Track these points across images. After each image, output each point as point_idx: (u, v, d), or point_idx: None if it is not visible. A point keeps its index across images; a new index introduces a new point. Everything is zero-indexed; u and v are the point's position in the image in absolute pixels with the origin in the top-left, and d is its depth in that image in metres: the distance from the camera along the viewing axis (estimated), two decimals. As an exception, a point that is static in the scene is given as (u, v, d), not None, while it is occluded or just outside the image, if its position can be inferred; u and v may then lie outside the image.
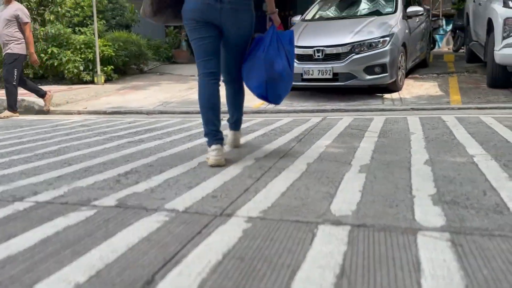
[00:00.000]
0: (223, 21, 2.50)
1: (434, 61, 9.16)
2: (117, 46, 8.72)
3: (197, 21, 2.49)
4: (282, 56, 2.63)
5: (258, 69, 2.62)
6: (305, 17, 6.96)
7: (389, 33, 5.62)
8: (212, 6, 2.44)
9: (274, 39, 2.63)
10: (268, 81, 2.62)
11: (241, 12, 2.53)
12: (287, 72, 2.66)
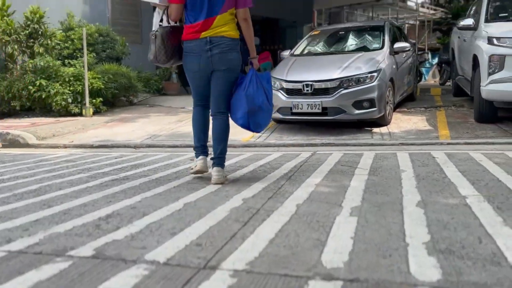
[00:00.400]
0: (214, 65, 3.04)
1: (421, 94, 9.29)
2: (107, 78, 8.70)
3: (197, 73, 3.11)
4: (261, 92, 3.14)
5: (241, 104, 3.11)
6: (294, 52, 7.04)
7: (377, 68, 5.68)
8: (205, 58, 3.01)
9: (253, 79, 3.13)
10: (250, 113, 3.11)
11: (228, 54, 3.03)
12: (266, 105, 3.17)
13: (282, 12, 15.93)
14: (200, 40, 2.99)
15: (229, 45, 3.01)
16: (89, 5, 10.31)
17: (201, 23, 2.98)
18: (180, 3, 3.01)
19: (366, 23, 7.52)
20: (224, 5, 2.97)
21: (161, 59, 3.12)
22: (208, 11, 2.97)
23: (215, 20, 2.98)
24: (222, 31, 2.99)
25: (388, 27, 6.90)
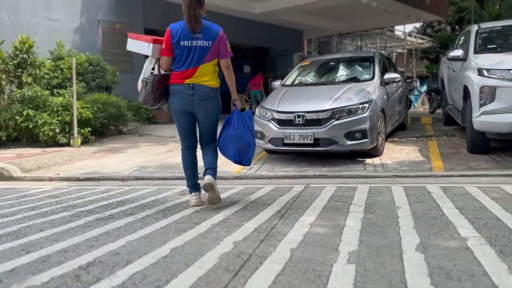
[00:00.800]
0: (195, 109, 3.47)
1: (411, 123, 9.31)
2: (96, 108, 8.60)
3: (179, 111, 3.49)
4: (247, 130, 3.61)
5: (231, 143, 3.59)
6: (285, 82, 7.03)
7: (368, 99, 5.66)
8: (187, 100, 3.43)
9: (239, 119, 3.57)
10: (241, 150, 3.62)
11: (207, 102, 3.45)
12: (252, 142, 3.68)
13: (272, 41, 16.13)
14: (184, 85, 3.42)
15: (208, 94, 3.44)
16: (80, 35, 10.31)
17: (187, 71, 3.41)
18: (170, 56, 3.45)
19: (356, 54, 7.57)
20: (206, 57, 3.41)
21: (149, 103, 3.52)
22: (193, 62, 3.39)
23: (198, 69, 3.41)
24: (203, 80, 3.43)
25: (378, 58, 6.94)
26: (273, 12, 13.63)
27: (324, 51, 21.53)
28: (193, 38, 3.37)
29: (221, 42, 3.44)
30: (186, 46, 3.37)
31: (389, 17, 13.96)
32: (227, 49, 3.49)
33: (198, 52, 3.37)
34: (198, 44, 3.38)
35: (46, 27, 9.78)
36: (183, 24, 3.41)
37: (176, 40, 3.38)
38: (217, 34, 3.43)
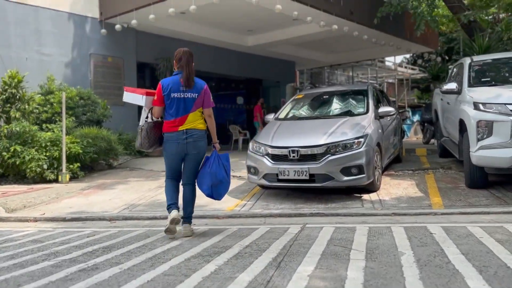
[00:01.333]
0: (188, 150, 4.00)
1: (407, 155, 9.22)
2: (86, 142, 8.43)
3: (174, 155, 4.03)
4: (222, 169, 4.12)
5: (206, 179, 4.09)
6: (279, 116, 6.93)
7: (363, 134, 5.56)
8: (182, 144, 3.97)
9: (216, 159, 4.12)
10: (213, 186, 4.09)
11: (199, 142, 4.02)
12: (225, 179, 4.16)
13: (265, 73, 16.23)
14: (178, 132, 3.97)
15: (199, 135, 4.03)
16: (71, 68, 10.25)
17: (178, 120, 3.96)
18: (162, 106, 4.01)
19: (349, 87, 7.53)
20: (193, 106, 4.01)
21: (145, 146, 4.12)
22: (183, 111, 3.97)
23: (188, 117, 3.98)
24: (194, 125, 4.01)
25: (371, 91, 6.90)
26: (265, 45, 13.75)
27: (316, 82, 21.71)
28: (182, 91, 3.98)
29: (205, 94, 4.09)
30: (176, 98, 3.96)
31: (380, 49, 14.15)
32: (210, 101, 4.15)
33: (186, 103, 3.97)
34: (187, 96, 3.98)
35: (37, 61, 9.71)
36: (173, 79, 4.02)
37: (167, 93, 3.95)
38: (202, 88, 4.09)
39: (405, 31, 12.90)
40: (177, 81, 3.96)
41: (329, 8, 10.12)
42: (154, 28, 11.13)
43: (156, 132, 4.09)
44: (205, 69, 13.85)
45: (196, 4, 8.67)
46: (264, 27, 12.32)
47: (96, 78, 10.67)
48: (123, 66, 11.17)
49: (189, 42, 12.62)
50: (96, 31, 10.54)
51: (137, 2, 9.57)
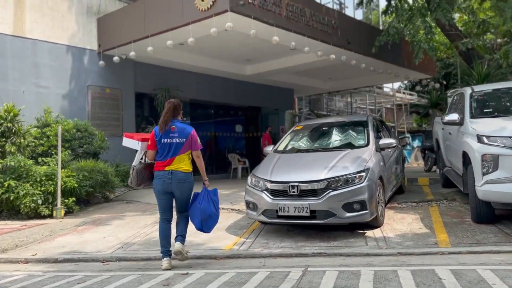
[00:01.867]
0: (173, 189, 4.47)
1: (409, 184, 9.05)
2: (82, 176, 8.27)
3: (160, 191, 4.52)
4: (211, 205, 4.60)
5: (196, 214, 4.56)
6: (277, 148, 6.80)
7: (365, 168, 5.41)
8: (167, 182, 4.44)
9: (206, 195, 4.62)
10: (203, 220, 4.56)
11: (182, 184, 4.48)
12: (214, 214, 4.62)
13: (264, 100, 16.21)
14: (165, 171, 4.45)
15: (183, 177, 4.48)
16: (68, 100, 10.19)
17: (167, 161, 4.46)
18: (154, 150, 4.55)
19: (349, 118, 7.42)
20: (181, 150, 4.49)
21: (133, 184, 4.62)
22: (171, 154, 4.46)
23: (175, 159, 4.46)
24: (179, 167, 4.48)
25: (371, 122, 6.80)
26: (264, 74, 13.78)
27: (315, 108, 21.71)
28: (171, 136, 4.47)
29: (192, 139, 4.55)
30: (166, 143, 4.47)
31: (379, 76, 14.18)
32: (197, 144, 4.59)
33: (174, 147, 4.46)
34: (175, 141, 4.48)
35: (35, 93, 9.66)
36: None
37: (159, 138, 4.49)
38: (189, 133, 4.54)
39: (403, 59, 12.93)
40: (168, 129, 4.51)
41: (327, 38, 10.15)
42: (152, 59, 11.15)
43: (146, 172, 4.59)
44: (203, 98, 13.85)
45: (194, 37, 8.68)
46: (262, 57, 12.36)
47: (94, 109, 10.60)
48: (121, 97, 11.12)
49: (188, 72, 12.64)
50: (94, 62, 10.54)
51: (135, 35, 9.60)
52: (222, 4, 7.94)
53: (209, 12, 8.15)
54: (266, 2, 8.52)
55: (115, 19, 10.36)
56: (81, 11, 10.46)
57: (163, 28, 9.00)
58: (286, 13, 8.98)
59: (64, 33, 10.12)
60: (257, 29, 8.61)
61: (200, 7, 8.28)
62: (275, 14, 8.75)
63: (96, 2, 10.71)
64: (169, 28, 8.87)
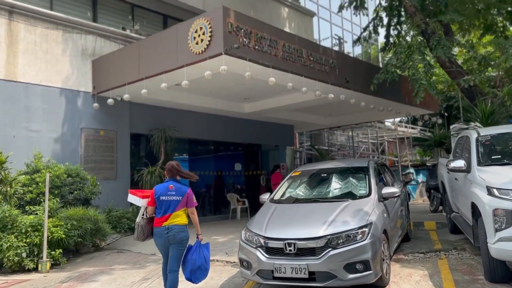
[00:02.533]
0: (169, 241, 4.82)
1: (415, 229, 8.60)
2: (70, 225, 7.88)
3: (160, 247, 4.94)
4: (201, 257, 4.90)
5: (187, 265, 4.88)
6: (274, 197, 6.43)
7: (367, 222, 5.01)
8: (164, 239, 4.82)
9: (197, 248, 4.94)
10: (192, 270, 4.86)
11: (178, 234, 4.81)
12: (204, 266, 4.90)
13: (263, 137, 15.94)
14: (162, 227, 4.85)
15: (178, 229, 4.85)
16: (61, 144, 9.91)
17: (164, 217, 4.86)
18: (154, 206, 4.97)
19: (349, 164, 7.05)
20: (178, 207, 4.90)
21: (140, 239, 5.03)
22: (168, 210, 4.88)
23: (172, 215, 4.87)
24: (175, 221, 4.87)
25: (373, 168, 6.44)
26: (262, 111, 13.55)
27: (316, 143, 21.40)
28: (169, 194, 4.91)
29: (188, 197, 4.97)
30: (164, 200, 4.90)
31: (380, 113, 13.92)
32: (192, 202, 5.00)
33: (172, 204, 4.89)
34: (172, 199, 4.91)
35: (26, 138, 9.40)
36: (163, 185, 5.00)
37: (158, 196, 4.93)
38: (186, 192, 4.97)
39: (403, 96, 12.71)
40: (166, 187, 4.95)
41: (324, 78, 9.94)
42: (149, 99, 10.94)
43: (150, 226, 5.02)
44: (201, 137, 13.58)
45: (188, 79, 8.47)
46: (260, 95, 12.16)
47: (87, 152, 10.31)
48: (116, 138, 10.85)
49: (185, 111, 12.43)
50: (88, 105, 10.34)
51: (129, 77, 9.42)
52: (216, 47, 7.76)
53: (203, 55, 7.97)
54: (261, 44, 8.35)
55: (110, 61, 10.23)
56: (76, 53, 10.34)
57: (158, 71, 8.82)
58: (282, 54, 8.80)
59: (57, 75, 9.96)
60: (253, 70, 8.42)
61: (194, 50, 8.10)
62: (271, 55, 8.57)
63: (91, 44, 10.61)
64: (163, 70, 8.68)
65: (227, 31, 7.70)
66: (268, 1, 16.47)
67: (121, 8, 12.34)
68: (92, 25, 10.71)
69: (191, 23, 8.26)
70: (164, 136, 11.30)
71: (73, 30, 10.34)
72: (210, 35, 7.81)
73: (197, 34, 8.06)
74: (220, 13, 7.72)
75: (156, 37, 9.32)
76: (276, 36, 8.76)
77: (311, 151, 20.80)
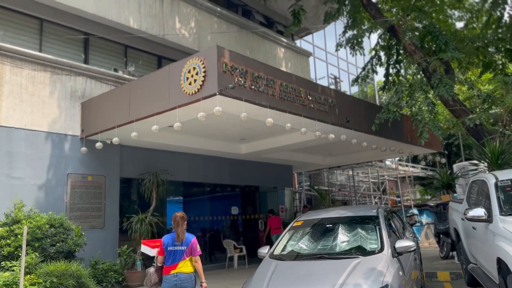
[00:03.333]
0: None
1: (428, 281, 7.88)
2: (49, 283, 7.14)
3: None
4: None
5: None
6: (274, 251, 5.76)
7: (382, 285, 4.36)
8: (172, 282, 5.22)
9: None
10: None
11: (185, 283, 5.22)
12: None
13: (261, 179, 15.36)
14: (170, 274, 5.23)
15: (186, 277, 5.22)
16: (45, 191, 9.29)
17: (172, 266, 5.24)
18: (163, 255, 5.35)
19: (356, 212, 6.43)
20: (183, 256, 5.25)
21: (147, 284, 5.35)
22: (175, 259, 5.25)
23: (179, 264, 5.24)
24: (182, 269, 5.24)
25: (383, 217, 5.84)
26: (260, 152, 13.05)
27: (315, 183, 20.80)
28: (175, 245, 5.29)
29: (193, 246, 5.31)
30: (171, 250, 5.29)
31: (382, 152, 13.44)
32: (197, 251, 5.33)
33: (178, 254, 5.26)
34: (178, 249, 5.27)
35: (7, 186, 8.78)
36: (170, 236, 5.37)
37: (165, 247, 5.33)
38: (191, 241, 5.31)
39: (406, 135, 12.28)
40: (173, 238, 5.35)
41: (324, 118, 9.51)
42: (140, 142, 10.46)
43: (158, 274, 5.38)
44: (196, 179, 12.99)
45: (181, 121, 8.00)
46: (257, 136, 11.70)
47: (73, 200, 9.65)
48: (104, 184, 10.24)
49: (178, 153, 11.92)
50: (76, 149, 9.80)
51: (119, 120, 8.95)
52: (210, 88, 7.33)
53: (196, 95, 7.53)
54: (258, 84, 7.94)
55: (99, 103, 9.79)
56: (65, 96, 9.92)
57: (149, 113, 8.36)
58: (279, 94, 8.39)
59: (43, 119, 9.47)
60: (249, 111, 7.96)
61: (187, 91, 7.68)
62: (268, 95, 8.15)
63: (81, 86, 10.22)
64: (154, 112, 8.22)
65: (222, 71, 7.31)
66: (264, 42, 16.36)
67: (114, 50, 12.06)
68: (83, 66, 10.35)
69: (184, 63, 7.88)
70: (156, 180, 10.71)
71: (62, 71, 9.96)
72: (203, 75, 7.40)
73: (190, 74, 7.66)
74: (214, 52, 7.35)
75: (148, 78, 8.92)
76: (273, 75, 8.38)
77: (311, 192, 20.16)
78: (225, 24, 14.59)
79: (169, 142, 10.81)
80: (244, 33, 15.33)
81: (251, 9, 16.58)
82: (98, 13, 10.85)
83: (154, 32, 12.06)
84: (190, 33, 13.18)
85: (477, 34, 12.07)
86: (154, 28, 12.09)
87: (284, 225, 16.23)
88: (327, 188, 20.83)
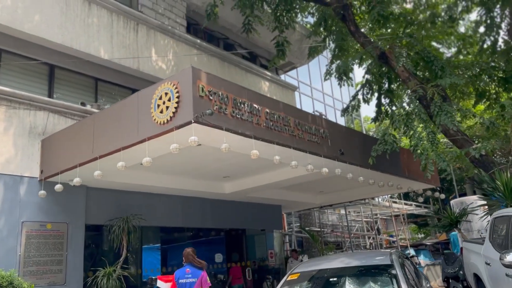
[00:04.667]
0: None
1: None
2: None
3: None
4: None
5: None
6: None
7: None
8: None
9: None
10: None
11: None
12: None
13: (248, 221, 14.09)
14: None
15: None
16: (-7, 243, 7.88)
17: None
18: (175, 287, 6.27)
19: (364, 261, 5.25)
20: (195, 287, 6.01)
21: None
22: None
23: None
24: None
25: (399, 266, 4.69)
26: (245, 191, 11.88)
27: (306, 224, 19.52)
28: (186, 277, 6.09)
29: (202, 278, 6.15)
30: (182, 283, 6.10)
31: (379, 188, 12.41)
32: (207, 282, 6.15)
33: (189, 286, 6.04)
34: (189, 281, 6.07)
35: None
36: (182, 270, 6.30)
37: (177, 280, 6.18)
38: (200, 274, 6.17)
39: (403, 168, 11.32)
40: (183, 271, 6.16)
41: (316, 149, 8.50)
42: (108, 183, 9.23)
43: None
44: (174, 224, 11.66)
45: (152, 156, 6.88)
46: (242, 173, 10.59)
47: (28, 252, 8.24)
48: (66, 233, 8.86)
49: (153, 194, 10.67)
50: (33, 193, 8.50)
51: (81, 157, 7.76)
52: (184, 115, 6.28)
53: (168, 125, 6.46)
54: (240, 111, 6.93)
55: (61, 139, 8.61)
56: (22, 132, 8.73)
57: (114, 148, 7.21)
58: (266, 123, 7.38)
59: (-5, 158, 8.23)
60: (232, 142, 6.90)
61: (158, 120, 6.61)
62: (253, 124, 7.13)
63: (42, 122, 9.06)
64: (120, 147, 7.08)
65: (198, 95, 6.29)
66: (248, 75, 15.59)
67: (82, 82, 11.01)
68: (44, 99, 9.23)
69: (155, 89, 6.86)
70: (127, 227, 9.38)
71: (20, 105, 8.82)
72: (177, 101, 6.37)
73: (161, 101, 6.63)
74: (189, 74, 6.36)
75: (113, 108, 7.84)
76: (258, 102, 7.40)
77: (302, 234, 18.83)
78: (206, 57, 13.79)
79: (143, 182, 9.60)
80: (226, 66, 14.55)
81: (233, 43, 15.92)
82: (64, 42, 9.88)
83: (127, 63, 11.11)
84: (168, 66, 12.28)
85: (470, 62, 11.51)
86: (128, 60, 11.16)
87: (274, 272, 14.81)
88: (318, 229, 19.55)
